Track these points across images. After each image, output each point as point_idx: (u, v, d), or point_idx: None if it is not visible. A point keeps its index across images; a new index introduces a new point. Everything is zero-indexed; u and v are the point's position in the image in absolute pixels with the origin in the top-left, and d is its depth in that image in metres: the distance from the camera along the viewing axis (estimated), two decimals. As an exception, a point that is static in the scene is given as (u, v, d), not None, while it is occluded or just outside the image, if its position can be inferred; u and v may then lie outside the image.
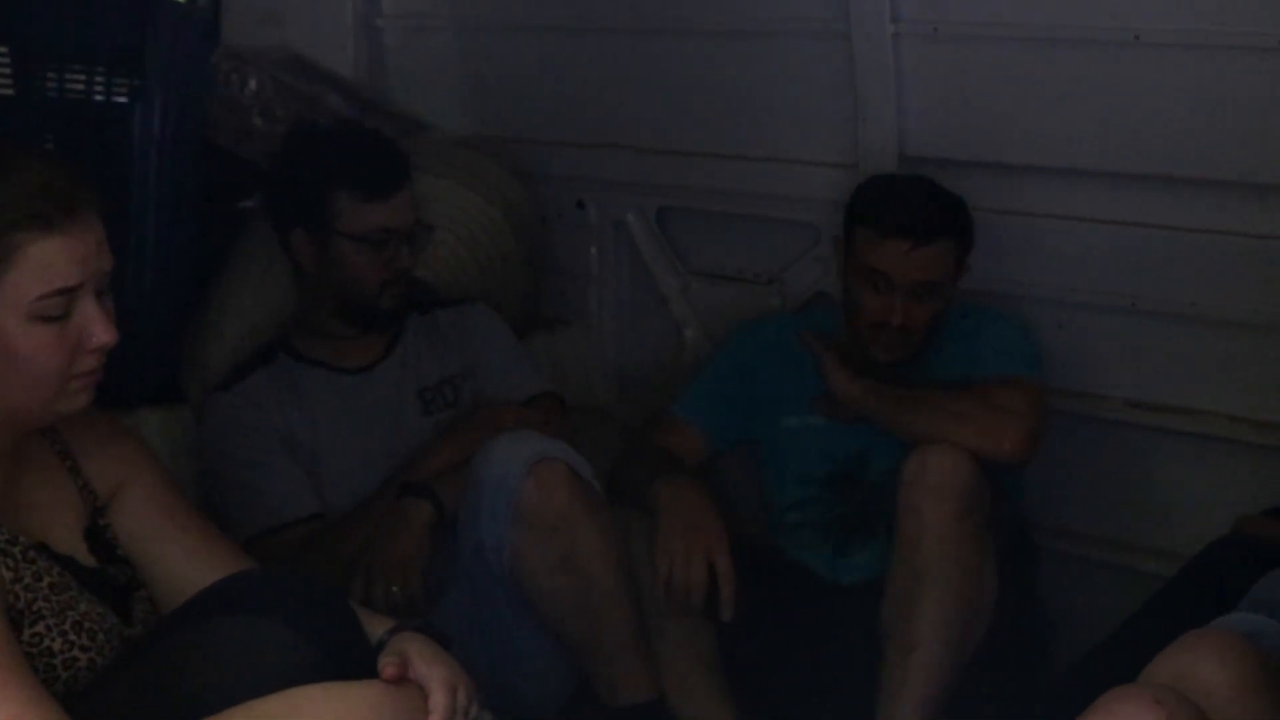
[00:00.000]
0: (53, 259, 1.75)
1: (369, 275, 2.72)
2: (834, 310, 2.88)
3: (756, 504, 2.82)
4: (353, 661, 1.75)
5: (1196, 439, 2.70)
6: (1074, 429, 2.77)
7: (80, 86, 2.88)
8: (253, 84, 3.11)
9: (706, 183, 3.22)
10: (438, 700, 1.74)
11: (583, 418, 3.09)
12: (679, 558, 2.52)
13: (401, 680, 1.74)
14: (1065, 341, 2.80)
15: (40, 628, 1.76)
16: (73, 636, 1.77)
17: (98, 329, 1.79)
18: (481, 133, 3.45)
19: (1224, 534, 2.48)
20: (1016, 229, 2.82)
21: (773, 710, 2.62)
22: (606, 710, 2.50)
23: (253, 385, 2.72)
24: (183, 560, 1.96)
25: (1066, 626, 2.72)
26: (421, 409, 2.79)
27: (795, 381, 2.80)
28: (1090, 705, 1.66)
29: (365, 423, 2.75)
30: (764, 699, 2.62)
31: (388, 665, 1.74)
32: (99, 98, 2.88)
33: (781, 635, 2.63)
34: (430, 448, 2.70)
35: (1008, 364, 2.65)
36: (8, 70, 2.92)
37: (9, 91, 2.93)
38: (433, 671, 1.76)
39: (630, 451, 2.82)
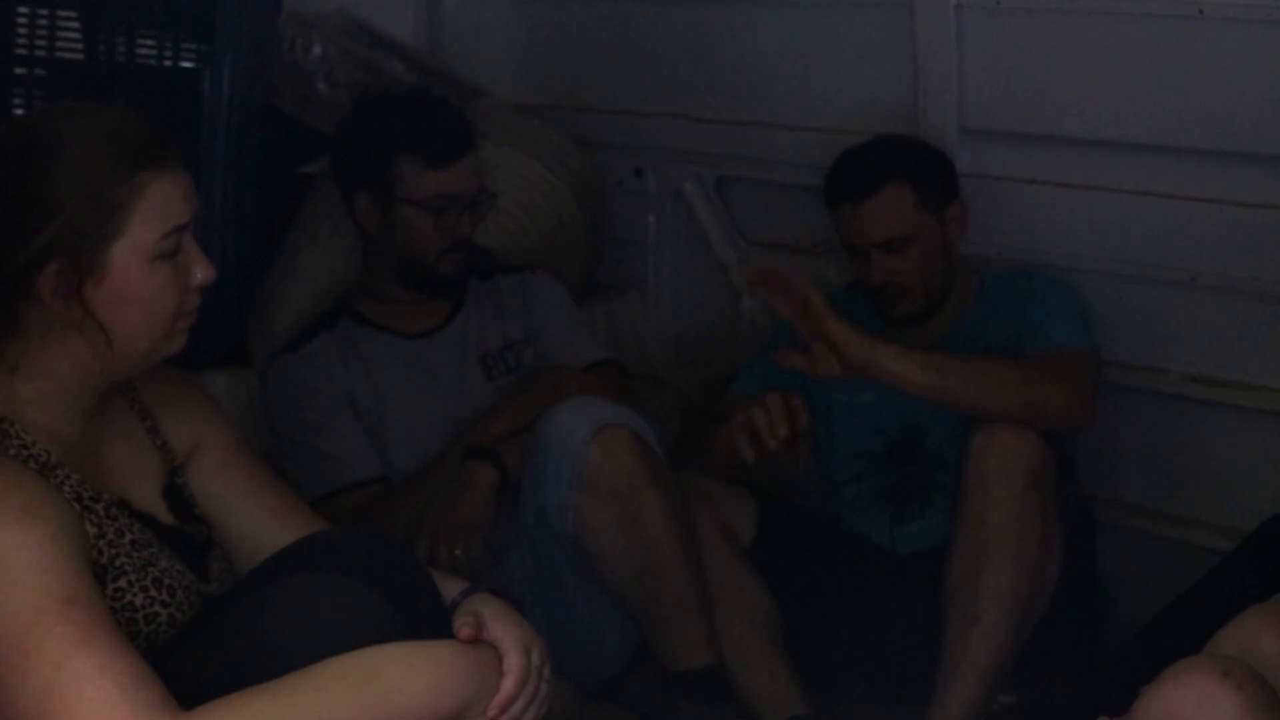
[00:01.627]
0: (169, 197, 1.77)
1: (429, 241, 2.74)
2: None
3: (815, 476, 2.83)
4: (428, 622, 1.77)
5: (1254, 414, 2.68)
6: (1131, 402, 2.77)
7: (149, 51, 2.91)
8: (317, 50, 3.13)
9: (765, 152, 3.22)
10: (513, 661, 1.76)
11: (639, 385, 3.11)
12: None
13: (477, 641, 1.76)
14: (1124, 315, 2.79)
15: (122, 583, 1.78)
16: (154, 592, 1.80)
17: (201, 266, 1.83)
18: (540, 100, 3.46)
19: (1280, 509, 2.49)
20: (1077, 202, 2.82)
21: (831, 677, 2.65)
22: (666, 674, 2.53)
23: (317, 349, 2.75)
24: (258, 520, 1.99)
25: (1121, 599, 2.73)
26: (484, 374, 2.82)
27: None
28: (1158, 676, 1.67)
29: (428, 387, 2.78)
30: (823, 666, 2.64)
31: (464, 626, 1.76)
32: (167, 63, 2.90)
33: (840, 603, 2.65)
34: (493, 412, 2.72)
35: (1061, 334, 2.64)
36: (76, 34, 2.95)
37: (78, 56, 2.96)
38: (508, 633, 1.78)
39: (695, 426, 2.84)
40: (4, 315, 1.76)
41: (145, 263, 1.77)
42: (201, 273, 1.83)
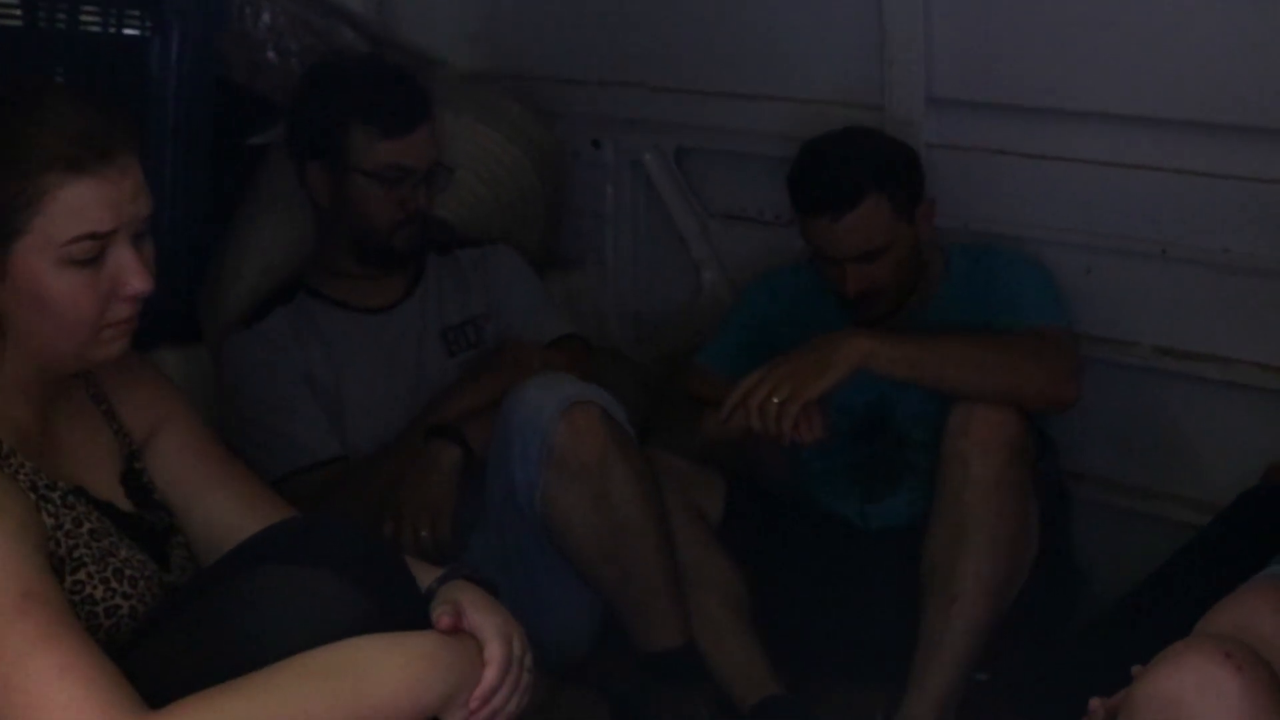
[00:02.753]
0: (84, 203, 1.68)
1: (382, 214, 2.67)
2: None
3: (785, 452, 2.79)
4: (404, 611, 1.72)
5: (1226, 386, 2.67)
6: (1101, 375, 2.74)
7: (93, 18, 2.82)
8: (266, 17, 3.07)
9: (727, 122, 3.17)
10: (494, 650, 1.71)
11: (598, 359, 3.06)
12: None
13: (456, 630, 1.71)
14: (1093, 287, 2.77)
15: (81, 575, 1.72)
16: (114, 584, 1.74)
17: (132, 277, 1.73)
18: (493, 69, 3.40)
19: (1255, 483, 2.47)
20: (1045, 173, 2.78)
21: (804, 656, 2.62)
22: (637, 656, 2.49)
23: (272, 325, 2.69)
24: (221, 506, 1.93)
25: (1093, 574, 2.72)
26: (444, 349, 2.76)
27: (809, 333, 2.77)
28: (1156, 657, 1.63)
29: (387, 363, 2.72)
30: (795, 645, 2.62)
31: (443, 615, 1.71)
32: (112, 30, 2.82)
33: (813, 581, 2.62)
34: (455, 389, 2.67)
35: (1039, 313, 2.62)
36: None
37: (15, 23, 2.87)
38: (488, 621, 1.73)
39: (665, 397, 2.80)
40: None
41: (51, 266, 1.69)
42: (134, 284, 1.74)
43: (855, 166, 2.60)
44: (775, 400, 2.43)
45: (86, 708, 1.53)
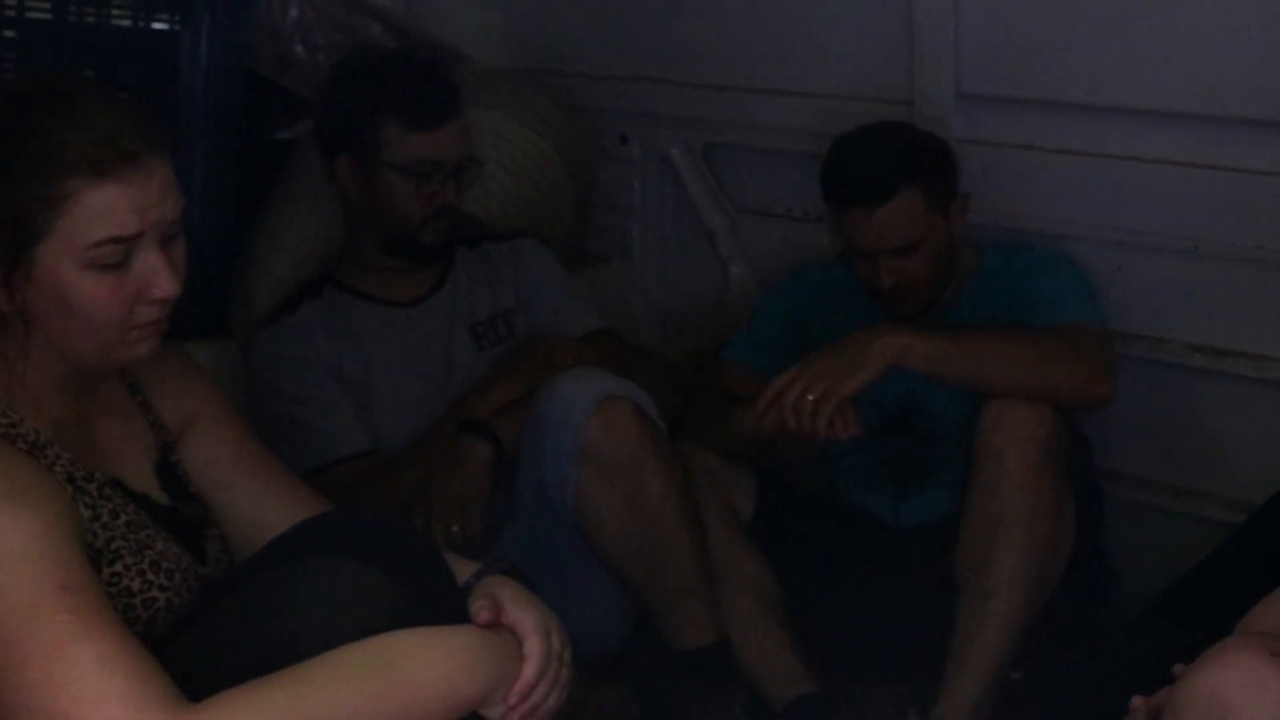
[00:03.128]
0: (108, 206, 1.66)
1: (411, 208, 2.67)
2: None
3: (816, 449, 2.78)
4: (442, 605, 1.71)
5: (1259, 384, 2.65)
6: (1133, 372, 2.73)
7: (123, 13, 2.81)
8: (294, 12, 3.06)
9: (755, 118, 3.16)
10: (533, 645, 1.70)
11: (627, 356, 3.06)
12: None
13: (495, 625, 1.71)
14: (1125, 284, 2.75)
15: (119, 567, 1.71)
16: (151, 576, 1.74)
17: (160, 280, 1.72)
18: (520, 64, 3.38)
19: (1288, 480, 2.46)
20: (1076, 169, 2.77)
21: (837, 654, 2.61)
22: (669, 653, 2.48)
23: (301, 319, 2.68)
24: (257, 499, 1.93)
25: (1125, 572, 2.70)
26: (473, 344, 2.75)
27: (838, 329, 2.76)
28: (1201, 655, 1.62)
29: (416, 357, 2.71)
30: (828, 643, 2.60)
31: (481, 610, 1.70)
32: (141, 24, 2.81)
33: (844, 579, 2.61)
34: (485, 383, 2.66)
35: (1072, 311, 2.60)
36: (46, -7, 2.86)
37: (45, 16, 2.86)
38: (526, 616, 1.72)
39: (693, 394, 2.79)
40: None
41: (75, 269, 1.68)
42: (161, 288, 1.72)
43: (889, 160, 2.59)
44: (810, 398, 2.42)
45: (125, 700, 1.52)
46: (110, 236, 1.67)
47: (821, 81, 3.04)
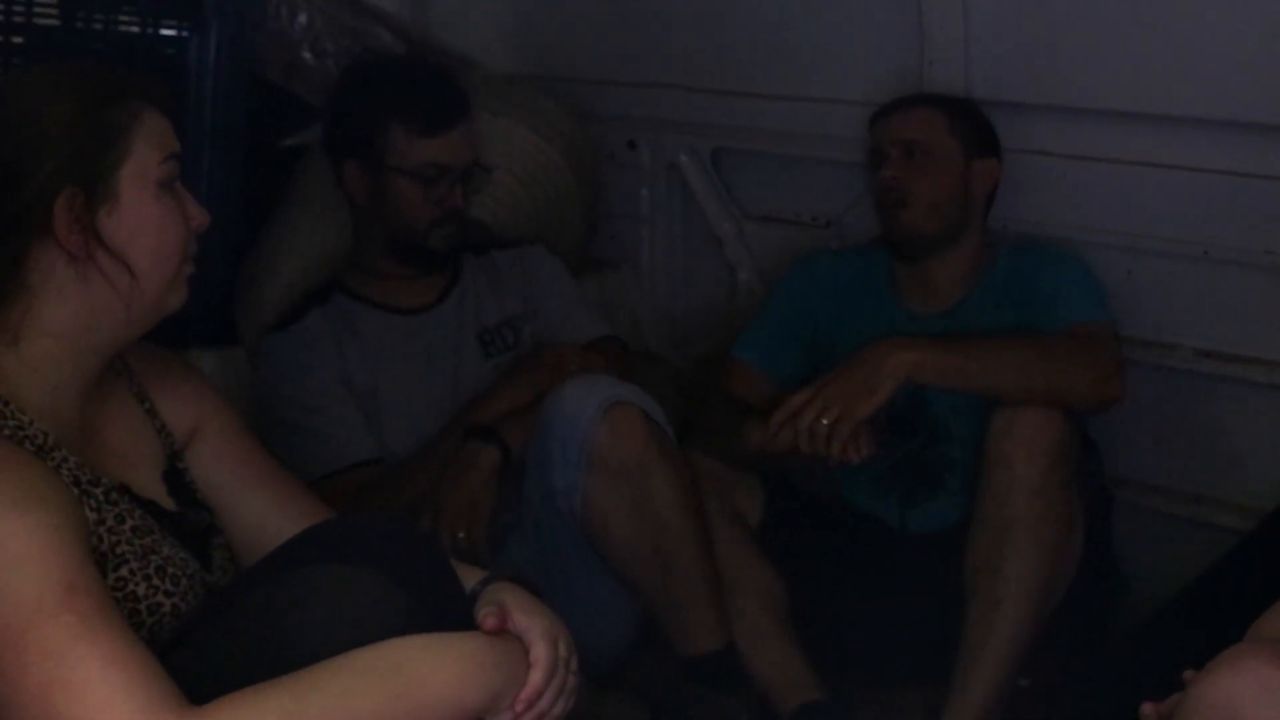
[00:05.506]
0: (162, 124, 1.78)
1: (419, 213, 2.67)
2: (890, 253, 2.83)
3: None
4: (449, 611, 1.70)
5: (1269, 389, 2.65)
6: (1143, 378, 2.73)
7: (131, 18, 2.81)
8: (302, 18, 3.07)
9: (764, 124, 3.17)
10: (540, 652, 1.69)
11: (634, 362, 3.05)
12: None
13: (501, 632, 1.70)
14: (1135, 289, 2.75)
15: (124, 572, 1.71)
16: (156, 581, 1.73)
17: (191, 207, 1.81)
18: (528, 71, 3.39)
19: (1298, 487, 2.46)
20: (1086, 173, 2.77)
21: (844, 661, 2.60)
22: (676, 660, 2.47)
23: (308, 326, 2.68)
24: (263, 506, 1.93)
25: (1134, 578, 2.69)
26: (481, 351, 2.75)
27: (850, 321, 2.77)
28: (1212, 661, 1.61)
29: (424, 364, 2.71)
30: (835, 649, 2.59)
31: (488, 616, 1.69)
32: (150, 30, 2.81)
33: (852, 585, 2.60)
34: (493, 390, 2.65)
35: (1082, 310, 2.60)
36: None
37: (53, 22, 2.87)
38: (533, 623, 1.71)
39: (701, 400, 2.78)
40: (10, 271, 1.71)
41: (153, 189, 1.75)
42: (196, 215, 1.81)
43: (931, 94, 2.81)
44: (824, 422, 2.42)
45: (130, 702, 1.51)
46: (171, 152, 1.77)
47: (831, 87, 3.05)
